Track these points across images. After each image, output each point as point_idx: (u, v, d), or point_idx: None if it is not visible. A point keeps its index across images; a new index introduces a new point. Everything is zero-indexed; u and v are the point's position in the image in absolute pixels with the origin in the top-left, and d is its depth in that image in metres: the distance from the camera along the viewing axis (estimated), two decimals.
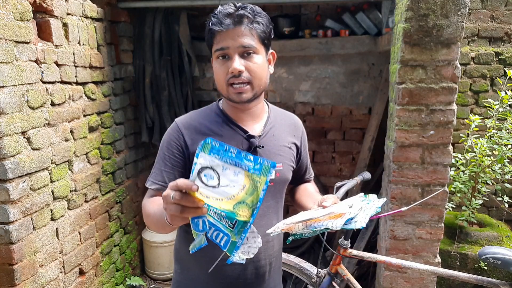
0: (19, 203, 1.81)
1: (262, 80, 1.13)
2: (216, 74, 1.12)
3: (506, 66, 2.90)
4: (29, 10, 1.84)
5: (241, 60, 1.08)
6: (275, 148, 1.23)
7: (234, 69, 1.07)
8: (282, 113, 1.36)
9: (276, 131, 1.25)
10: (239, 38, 1.06)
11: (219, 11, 1.08)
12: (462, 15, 1.77)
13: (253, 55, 1.09)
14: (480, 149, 2.34)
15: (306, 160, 1.40)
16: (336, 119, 3.33)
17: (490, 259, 1.59)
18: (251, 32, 1.08)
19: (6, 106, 1.71)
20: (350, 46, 3.01)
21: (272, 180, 1.19)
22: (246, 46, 1.07)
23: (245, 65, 1.08)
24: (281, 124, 1.29)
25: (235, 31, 1.07)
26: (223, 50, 1.08)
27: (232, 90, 1.10)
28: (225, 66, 1.09)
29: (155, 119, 3.05)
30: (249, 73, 1.09)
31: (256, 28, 1.09)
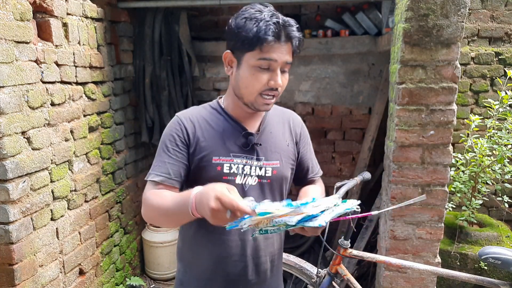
0: (19, 203, 1.81)
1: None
2: (250, 81, 1.10)
3: (506, 66, 2.90)
4: (29, 10, 1.84)
5: (280, 75, 1.10)
6: (273, 145, 1.24)
7: (278, 84, 1.09)
8: (280, 110, 1.36)
9: (273, 128, 1.26)
10: (286, 54, 1.09)
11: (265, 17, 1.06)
12: (462, 15, 1.77)
13: (287, 71, 1.13)
14: (480, 149, 2.34)
15: (308, 157, 1.36)
16: (336, 119, 3.33)
17: (490, 259, 1.59)
18: (292, 49, 1.11)
19: (6, 106, 1.71)
20: (350, 46, 3.01)
21: (268, 177, 1.21)
22: (288, 62, 1.10)
23: (282, 81, 1.11)
24: (278, 121, 1.29)
25: (285, 47, 1.08)
26: (269, 61, 1.07)
27: (262, 100, 1.12)
28: (265, 77, 1.09)
29: (155, 119, 3.05)
30: (282, 88, 1.13)
31: (298, 48, 1.12)
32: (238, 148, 1.18)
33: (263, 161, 1.20)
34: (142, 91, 2.99)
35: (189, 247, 1.27)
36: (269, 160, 1.21)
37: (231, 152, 1.17)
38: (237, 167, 1.17)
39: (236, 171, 1.17)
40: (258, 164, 1.20)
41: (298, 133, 1.32)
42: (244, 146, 1.18)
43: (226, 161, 1.16)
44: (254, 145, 1.19)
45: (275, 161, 1.22)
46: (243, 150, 1.18)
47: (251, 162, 1.19)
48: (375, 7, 2.94)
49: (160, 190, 1.11)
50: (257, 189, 1.20)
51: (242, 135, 1.19)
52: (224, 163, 1.16)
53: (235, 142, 1.18)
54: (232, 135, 1.19)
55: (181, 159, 1.15)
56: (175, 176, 1.14)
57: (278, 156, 1.23)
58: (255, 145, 1.19)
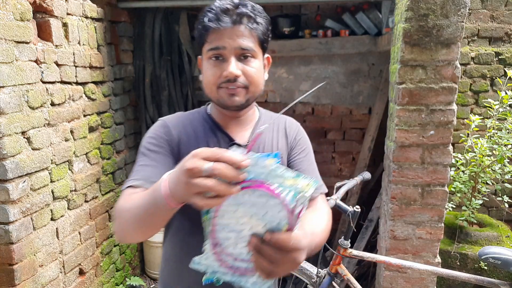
0: (19, 203, 1.81)
1: (258, 87, 1.02)
2: (206, 76, 0.99)
3: (506, 66, 2.90)
4: (29, 10, 1.84)
5: (238, 63, 0.96)
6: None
7: (230, 73, 0.94)
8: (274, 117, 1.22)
9: (265, 138, 1.13)
10: (238, 38, 0.95)
11: (217, 5, 0.96)
12: (462, 15, 1.77)
13: (250, 59, 0.98)
14: (480, 149, 2.34)
15: (304, 168, 1.15)
16: (336, 119, 3.33)
17: (490, 259, 1.59)
18: (251, 33, 0.96)
19: (6, 106, 1.71)
20: (350, 46, 3.01)
21: None
22: (244, 48, 0.96)
23: (242, 69, 0.96)
24: (272, 130, 1.16)
25: (234, 31, 0.95)
26: (218, 50, 0.96)
27: (224, 92, 0.98)
28: (219, 69, 0.96)
29: (155, 119, 3.05)
30: (246, 78, 0.97)
31: (257, 29, 0.97)
32: None
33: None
34: (142, 91, 2.99)
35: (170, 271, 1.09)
36: None
37: None
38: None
39: None
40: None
41: (292, 137, 1.16)
42: None
43: None
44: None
45: None
46: None
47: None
48: (375, 7, 2.94)
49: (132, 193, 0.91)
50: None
51: (229, 145, 1.04)
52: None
53: None
54: (218, 146, 1.05)
55: (165, 162, 0.98)
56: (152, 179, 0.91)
57: None
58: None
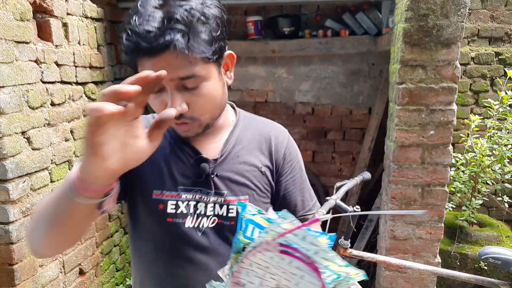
0: (19, 203, 1.81)
1: (213, 111, 0.85)
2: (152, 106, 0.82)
3: (506, 66, 2.90)
4: (29, 10, 1.84)
5: (178, 95, 0.76)
6: (240, 173, 0.91)
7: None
8: (257, 122, 1.01)
9: (242, 149, 0.93)
10: (172, 69, 0.73)
11: (135, 27, 0.72)
12: (462, 15, 1.77)
13: (198, 86, 0.78)
14: (480, 149, 2.34)
15: (296, 188, 0.98)
16: (336, 119, 3.33)
17: (490, 259, 1.59)
18: (188, 57, 0.74)
19: (6, 106, 1.71)
20: (350, 46, 3.01)
21: (233, 218, 0.89)
22: (183, 77, 0.75)
23: (188, 101, 0.78)
24: (252, 138, 0.96)
25: (165, 60, 0.73)
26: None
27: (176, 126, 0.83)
28: (160, 102, 0.78)
29: None
30: (194, 111, 0.79)
31: (195, 47, 0.74)
32: (188, 180, 0.88)
33: (226, 196, 0.89)
34: None
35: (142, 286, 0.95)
36: (234, 195, 0.90)
37: (179, 184, 0.88)
38: (186, 204, 0.87)
39: (185, 211, 0.87)
40: (217, 201, 0.89)
41: (281, 153, 0.97)
42: (196, 177, 0.88)
43: (171, 197, 0.87)
44: (209, 176, 0.89)
45: (243, 196, 0.90)
46: (195, 182, 0.88)
47: (207, 198, 0.89)
48: (375, 7, 2.94)
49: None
50: (215, 232, 0.89)
51: (193, 160, 0.89)
52: (168, 199, 0.87)
53: (184, 171, 0.89)
54: (181, 162, 0.89)
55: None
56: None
57: (248, 190, 0.91)
58: (211, 176, 0.89)
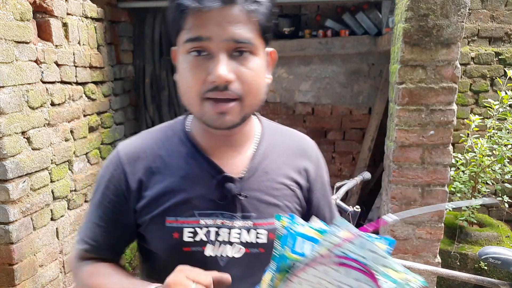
0: (19, 203, 1.81)
1: (257, 97, 0.72)
2: (184, 79, 0.70)
3: (506, 66, 2.90)
4: (29, 10, 1.84)
5: (230, 62, 0.66)
6: (269, 192, 0.79)
7: (219, 77, 0.65)
8: (284, 133, 0.88)
9: (271, 164, 0.81)
10: (229, 25, 0.65)
11: None
12: (462, 15, 1.77)
13: (248, 56, 0.68)
14: (480, 149, 2.34)
15: (325, 204, 0.89)
16: (336, 119, 3.33)
17: (490, 259, 1.59)
18: (249, 17, 0.66)
19: (6, 106, 1.71)
20: (350, 46, 3.01)
21: (262, 245, 0.77)
22: (239, 41, 0.66)
23: (236, 72, 0.67)
24: (281, 151, 0.83)
25: (224, 14, 0.64)
26: (200, 42, 0.66)
27: (211, 107, 0.68)
28: (202, 70, 0.67)
29: (155, 119, 3.05)
30: (242, 85, 0.68)
31: (257, 11, 0.67)
32: (209, 202, 0.76)
33: (254, 219, 0.77)
34: (142, 91, 2.99)
35: None
36: (263, 218, 0.77)
37: (197, 209, 0.75)
38: (206, 232, 0.75)
39: (205, 238, 0.75)
40: (244, 225, 0.76)
41: (312, 169, 0.85)
42: (219, 199, 0.75)
43: (187, 224, 0.74)
44: (235, 198, 0.76)
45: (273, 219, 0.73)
46: (217, 205, 0.76)
47: (231, 223, 0.76)
48: (375, 7, 2.94)
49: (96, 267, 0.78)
50: (242, 264, 0.76)
51: (216, 180, 0.76)
52: (184, 226, 0.74)
53: (204, 192, 0.76)
54: (201, 181, 0.76)
55: (116, 224, 0.78)
56: (107, 246, 0.79)
57: (278, 211, 0.78)
58: (237, 197, 0.76)
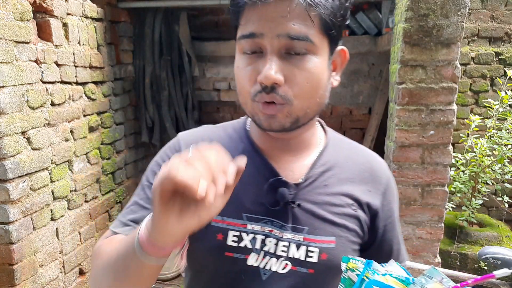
0: (19, 203, 1.81)
1: (311, 100, 0.64)
2: (237, 79, 0.66)
3: (506, 66, 2.90)
4: (29, 10, 1.84)
5: (280, 62, 0.60)
6: (326, 208, 0.70)
7: (267, 77, 0.59)
8: (352, 148, 0.80)
9: (332, 178, 0.73)
10: (284, 20, 0.58)
11: None
12: (462, 15, 1.77)
13: (306, 56, 0.61)
14: (480, 149, 2.34)
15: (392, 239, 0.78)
16: (336, 119, 3.33)
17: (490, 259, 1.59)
18: (307, 11, 0.58)
19: (6, 106, 1.71)
20: (350, 46, 3.01)
21: (312, 265, 0.68)
22: (294, 37, 0.59)
23: (287, 73, 0.61)
24: (346, 166, 0.75)
25: (279, 8, 0.58)
26: (252, 38, 0.61)
27: (259, 108, 0.64)
28: (253, 69, 0.62)
29: (155, 119, 3.05)
30: (291, 89, 0.61)
31: (320, 5, 0.59)
32: (259, 206, 0.69)
33: (305, 234, 0.69)
34: (142, 91, 2.99)
35: None
36: (316, 234, 0.69)
37: (246, 211, 0.69)
38: (252, 238, 0.68)
39: (250, 245, 0.68)
40: (294, 239, 0.68)
41: (381, 191, 0.76)
42: (271, 204, 0.69)
43: (233, 226, 0.69)
44: (288, 205, 0.69)
45: (328, 236, 0.69)
46: (267, 211, 0.69)
47: (281, 233, 0.68)
48: (375, 7, 2.94)
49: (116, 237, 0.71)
50: (286, 282, 0.68)
51: (268, 183, 0.69)
52: (229, 228, 0.68)
53: (255, 195, 0.70)
54: (253, 183, 0.70)
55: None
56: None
57: (335, 230, 0.70)
58: (290, 205, 0.69)
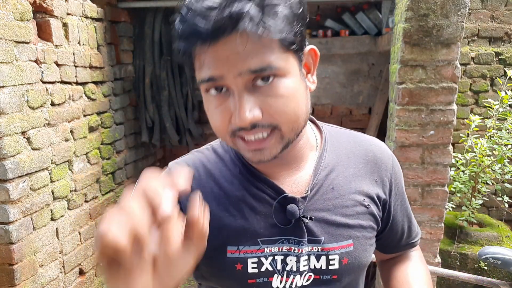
0: (19, 203, 1.81)
1: (297, 120, 0.60)
2: (210, 118, 0.62)
3: (506, 66, 2.90)
4: (29, 10, 1.84)
5: (250, 97, 0.56)
6: (337, 212, 0.68)
7: (242, 121, 0.56)
8: (350, 139, 0.77)
9: (337, 178, 0.70)
10: (239, 57, 0.53)
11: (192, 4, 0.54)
12: (462, 15, 1.77)
13: (275, 82, 0.56)
14: (480, 149, 2.34)
15: (404, 215, 0.81)
16: (336, 119, 3.34)
17: (490, 259, 1.59)
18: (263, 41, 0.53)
19: (6, 106, 1.71)
20: (350, 46, 3.01)
21: (335, 272, 0.68)
22: (256, 70, 0.55)
23: (263, 105, 0.57)
24: (349, 161, 0.73)
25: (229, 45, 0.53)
26: (214, 82, 0.57)
27: (243, 145, 0.60)
28: (224, 109, 0.58)
29: (155, 119, 3.05)
30: (271, 116, 0.57)
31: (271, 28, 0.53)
32: (271, 228, 0.66)
33: (323, 244, 0.67)
34: (142, 91, 2.99)
35: None
36: (334, 242, 0.68)
37: (259, 236, 0.66)
38: (272, 260, 0.66)
39: (271, 268, 0.66)
40: (312, 251, 0.67)
41: (388, 177, 0.76)
42: (282, 223, 0.66)
43: (251, 253, 0.66)
44: (301, 220, 0.66)
45: (345, 241, 0.68)
46: (281, 230, 0.66)
47: (299, 250, 0.66)
48: (375, 7, 2.94)
49: None
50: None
51: (276, 202, 0.66)
52: (248, 256, 0.66)
53: (265, 217, 0.66)
54: (259, 205, 0.67)
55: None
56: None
57: (351, 232, 0.69)
58: (302, 220, 0.66)
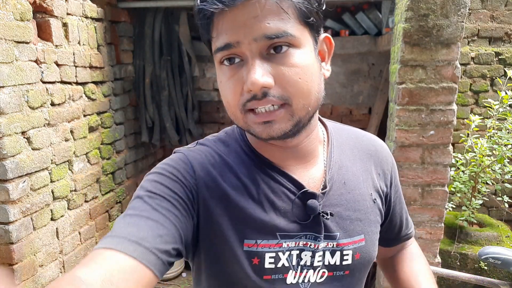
0: (19, 203, 1.81)
1: (310, 96, 0.61)
2: (222, 93, 0.62)
3: (506, 66, 2.90)
4: (29, 10, 1.84)
5: (264, 64, 0.56)
6: (350, 206, 0.69)
7: (253, 84, 0.54)
8: (351, 135, 0.78)
9: (347, 173, 0.71)
10: (256, 21, 0.54)
11: None
12: (462, 15, 1.77)
13: (288, 51, 0.56)
14: (480, 149, 2.34)
15: (401, 210, 0.83)
16: (336, 119, 3.30)
17: (490, 259, 1.59)
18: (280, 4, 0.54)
19: (6, 106, 1.71)
20: (350, 46, 3.01)
21: (348, 267, 0.68)
22: (272, 36, 0.54)
23: (275, 73, 0.56)
24: (354, 157, 0.74)
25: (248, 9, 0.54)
26: (228, 49, 0.56)
27: (255, 118, 0.59)
28: (237, 80, 0.58)
29: (155, 119, 3.05)
30: (284, 88, 0.57)
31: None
32: (290, 222, 0.65)
33: (339, 239, 0.67)
34: (142, 91, 2.99)
35: None
36: (348, 237, 0.68)
37: (278, 230, 0.64)
38: (288, 255, 0.65)
39: (287, 264, 0.65)
40: (328, 247, 0.67)
41: (388, 172, 0.78)
42: (301, 219, 0.65)
43: (269, 248, 0.64)
44: (320, 216, 0.66)
45: (358, 235, 0.69)
46: (300, 225, 0.65)
47: (316, 245, 0.66)
48: (375, 7, 2.94)
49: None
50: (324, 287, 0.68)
51: (296, 197, 0.66)
52: (265, 251, 0.64)
53: (284, 210, 0.65)
54: (278, 198, 0.65)
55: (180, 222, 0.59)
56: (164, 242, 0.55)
57: (363, 226, 0.70)
58: (322, 215, 0.66)
